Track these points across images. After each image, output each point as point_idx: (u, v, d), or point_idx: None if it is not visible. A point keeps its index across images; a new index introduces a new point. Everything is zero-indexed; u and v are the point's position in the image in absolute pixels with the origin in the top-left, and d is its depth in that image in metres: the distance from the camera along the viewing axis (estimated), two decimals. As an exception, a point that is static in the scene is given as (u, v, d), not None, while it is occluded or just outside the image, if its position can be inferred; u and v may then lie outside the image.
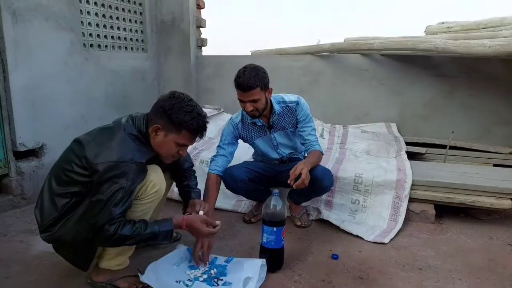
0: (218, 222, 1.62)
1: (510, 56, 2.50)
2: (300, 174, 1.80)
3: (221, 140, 2.12)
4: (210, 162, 2.10)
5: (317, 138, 2.11)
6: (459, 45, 2.59)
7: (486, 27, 3.30)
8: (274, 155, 2.20)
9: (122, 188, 1.32)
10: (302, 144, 2.15)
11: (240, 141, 2.20)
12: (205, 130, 1.50)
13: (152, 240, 1.42)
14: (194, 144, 1.60)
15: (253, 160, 2.36)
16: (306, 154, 2.14)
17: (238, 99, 1.93)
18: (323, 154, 2.09)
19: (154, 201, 1.49)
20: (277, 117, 2.07)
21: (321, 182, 1.98)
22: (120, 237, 1.33)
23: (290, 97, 2.09)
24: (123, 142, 1.38)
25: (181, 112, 1.41)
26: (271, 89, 1.97)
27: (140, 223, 1.38)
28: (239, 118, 2.13)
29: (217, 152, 2.11)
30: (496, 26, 3.24)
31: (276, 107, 2.04)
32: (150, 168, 1.46)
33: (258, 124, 2.09)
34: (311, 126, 2.10)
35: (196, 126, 1.44)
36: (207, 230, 1.55)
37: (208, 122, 1.51)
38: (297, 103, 2.07)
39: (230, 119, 2.17)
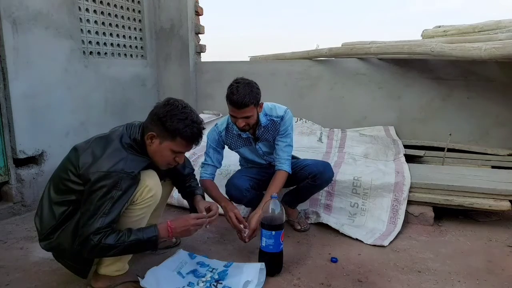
0: (204, 213, 1.62)
1: (506, 59, 2.52)
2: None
3: (206, 147, 2.11)
4: (200, 168, 2.10)
5: (289, 155, 2.07)
6: (455, 49, 2.61)
7: (482, 31, 3.32)
8: (261, 161, 2.21)
9: (112, 197, 1.32)
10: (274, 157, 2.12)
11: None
12: (201, 137, 1.49)
13: (137, 248, 1.40)
14: (193, 150, 1.60)
15: (241, 166, 2.35)
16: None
17: (230, 114, 1.91)
18: (290, 173, 2.05)
19: (151, 206, 1.49)
20: (262, 129, 2.06)
21: (323, 175, 2.05)
22: (104, 246, 1.31)
23: (277, 111, 2.06)
24: (115, 152, 1.39)
25: (175, 119, 1.41)
26: (262, 103, 1.96)
27: (124, 232, 1.36)
28: (224, 126, 2.10)
29: (204, 160, 2.11)
30: (492, 29, 3.27)
31: (263, 120, 2.02)
32: (145, 173, 1.46)
33: (243, 136, 2.08)
34: (286, 142, 2.06)
35: (190, 134, 1.44)
36: (194, 225, 1.51)
37: (204, 128, 1.51)
38: (282, 118, 2.05)
39: (215, 125, 2.14)
